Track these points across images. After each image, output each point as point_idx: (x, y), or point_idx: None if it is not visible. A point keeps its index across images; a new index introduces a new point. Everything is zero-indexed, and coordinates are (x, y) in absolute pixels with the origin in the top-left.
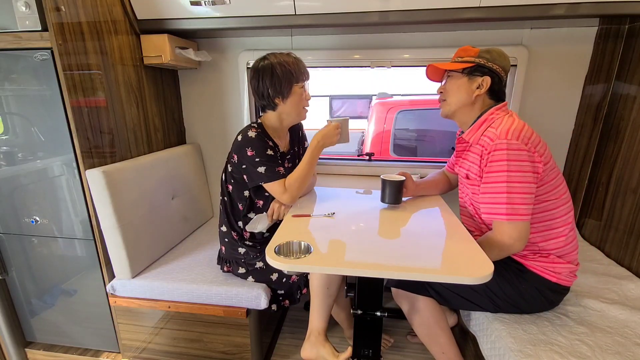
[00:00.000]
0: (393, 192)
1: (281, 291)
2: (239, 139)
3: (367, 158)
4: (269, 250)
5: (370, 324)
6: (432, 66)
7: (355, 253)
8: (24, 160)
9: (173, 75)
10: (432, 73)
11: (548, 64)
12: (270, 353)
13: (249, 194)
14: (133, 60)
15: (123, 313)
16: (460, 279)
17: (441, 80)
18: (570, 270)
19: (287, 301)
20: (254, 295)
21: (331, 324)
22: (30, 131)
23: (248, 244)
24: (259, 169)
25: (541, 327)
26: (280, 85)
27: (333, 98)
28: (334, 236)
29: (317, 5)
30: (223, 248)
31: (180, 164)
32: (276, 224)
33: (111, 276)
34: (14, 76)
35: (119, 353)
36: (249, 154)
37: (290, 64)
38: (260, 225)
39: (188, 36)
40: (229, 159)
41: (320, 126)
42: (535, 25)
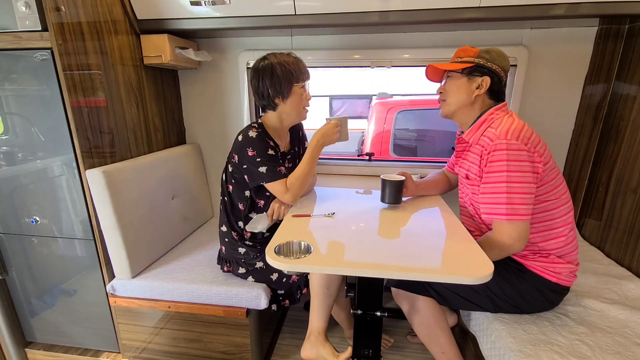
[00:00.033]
0: (393, 192)
1: (281, 291)
2: (239, 139)
3: (367, 158)
4: (269, 250)
5: (370, 324)
6: (432, 66)
7: (355, 253)
8: (24, 160)
9: (173, 75)
10: (432, 73)
11: (548, 64)
12: (270, 353)
13: (250, 194)
14: (133, 60)
15: (123, 313)
16: (460, 279)
17: (441, 81)
18: (570, 270)
19: (287, 301)
20: (254, 295)
21: (331, 324)
22: (30, 131)
23: (248, 244)
24: (260, 169)
25: (541, 327)
26: (280, 85)
27: (333, 98)
28: (334, 236)
29: (317, 5)
30: (223, 248)
31: (180, 164)
32: (276, 223)
33: (111, 276)
34: (14, 76)
35: (119, 353)
36: (250, 154)
37: (290, 64)
38: (260, 225)
39: (188, 36)
40: (229, 159)
41: (320, 126)
42: (535, 25)
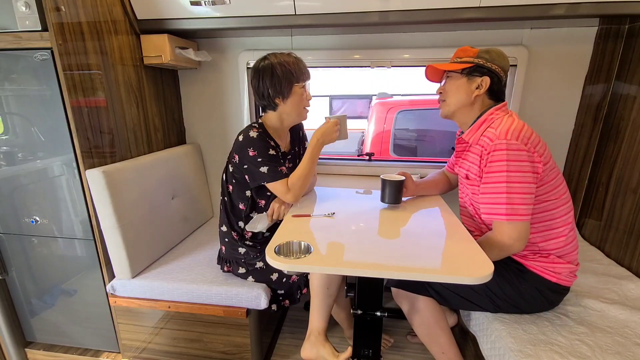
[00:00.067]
0: (393, 192)
1: (281, 291)
2: (240, 139)
3: (367, 158)
4: (269, 250)
5: (370, 324)
6: (431, 67)
7: (355, 253)
8: (24, 160)
9: (173, 75)
10: (431, 74)
11: (548, 64)
12: (270, 353)
13: (251, 193)
14: (133, 60)
15: (123, 313)
16: (460, 279)
17: (440, 81)
18: (570, 270)
19: (287, 301)
20: (254, 295)
21: (331, 324)
22: (30, 131)
23: (248, 244)
24: (262, 169)
25: (541, 327)
26: (281, 85)
27: (333, 98)
28: (334, 236)
29: (317, 5)
30: (223, 248)
31: (180, 164)
32: (276, 223)
33: (111, 276)
34: (14, 76)
35: (119, 353)
36: (250, 154)
37: (290, 64)
38: (260, 225)
39: (188, 36)
40: (229, 159)
41: (319, 125)
42: (535, 25)
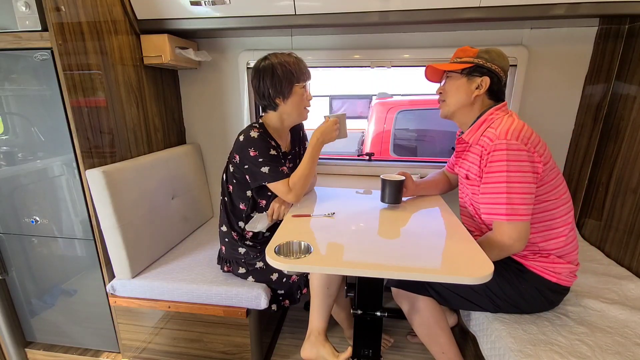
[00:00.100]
0: (393, 192)
1: (281, 291)
2: (240, 139)
3: (367, 158)
4: (269, 250)
5: (370, 324)
6: (431, 67)
7: (355, 253)
8: (24, 160)
9: (173, 75)
10: (431, 74)
11: (548, 64)
12: (270, 353)
13: (252, 193)
14: (133, 60)
15: (123, 313)
16: (460, 279)
17: (440, 81)
18: (570, 270)
19: (287, 301)
20: (254, 295)
21: (331, 324)
22: (30, 131)
23: (248, 244)
24: (263, 169)
25: (541, 327)
26: (281, 85)
27: (333, 98)
28: (334, 236)
29: (317, 5)
30: (223, 248)
31: (180, 164)
32: (276, 223)
33: (111, 276)
34: (14, 76)
35: (119, 353)
36: (251, 154)
37: (291, 64)
38: (260, 225)
39: (188, 36)
40: (230, 159)
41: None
42: (535, 25)
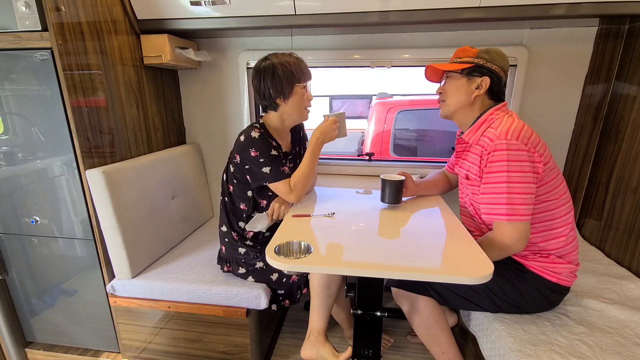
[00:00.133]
0: (393, 192)
1: (281, 291)
2: (241, 140)
3: (367, 158)
4: (269, 250)
5: (370, 324)
6: (431, 67)
7: (355, 253)
8: (24, 160)
9: (173, 75)
10: (431, 74)
11: (548, 64)
12: (270, 353)
13: (252, 194)
14: (133, 60)
15: (123, 313)
16: (460, 279)
17: (440, 81)
18: (570, 270)
19: (287, 301)
20: (254, 295)
21: (331, 324)
22: (30, 131)
23: (248, 244)
24: (264, 170)
25: (541, 327)
26: (282, 85)
27: (333, 98)
28: (334, 236)
29: (317, 5)
30: (223, 248)
31: (180, 164)
32: (276, 223)
33: (111, 276)
34: (14, 76)
35: (119, 353)
36: (252, 154)
37: (291, 64)
38: (260, 225)
39: (188, 36)
40: (230, 160)
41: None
42: (535, 25)
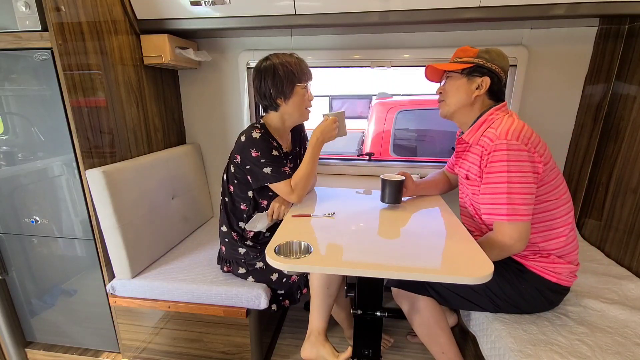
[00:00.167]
0: (393, 192)
1: (281, 291)
2: (242, 140)
3: (367, 158)
4: (269, 250)
5: (370, 324)
6: (431, 67)
7: (355, 253)
8: (24, 160)
9: (173, 75)
10: (431, 74)
11: (548, 64)
12: (270, 353)
13: (253, 194)
14: (133, 60)
15: (123, 313)
16: (460, 279)
17: (440, 81)
18: (570, 270)
19: (287, 301)
20: (254, 295)
21: (331, 324)
22: (30, 131)
23: (248, 244)
24: (265, 170)
25: (541, 327)
26: (282, 85)
27: (333, 98)
28: (334, 236)
29: (317, 5)
30: (223, 248)
31: (180, 164)
32: (276, 223)
33: (111, 276)
34: (14, 76)
35: (119, 353)
36: (253, 154)
37: (292, 64)
38: (260, 225)
39: (188, 36)
40: (231, 160)
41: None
42: (535, 25)
